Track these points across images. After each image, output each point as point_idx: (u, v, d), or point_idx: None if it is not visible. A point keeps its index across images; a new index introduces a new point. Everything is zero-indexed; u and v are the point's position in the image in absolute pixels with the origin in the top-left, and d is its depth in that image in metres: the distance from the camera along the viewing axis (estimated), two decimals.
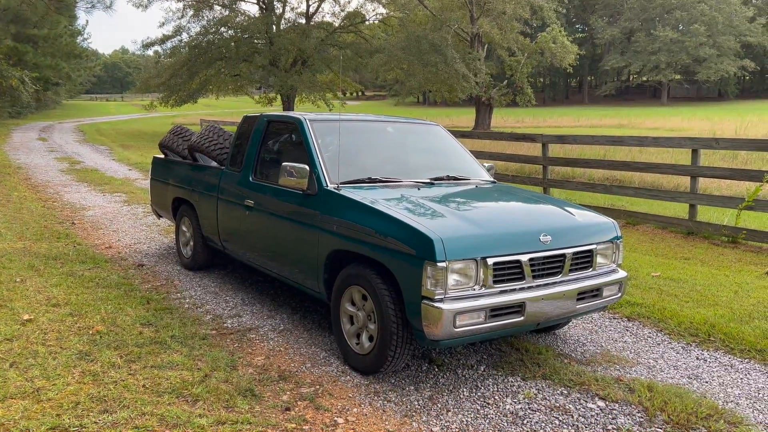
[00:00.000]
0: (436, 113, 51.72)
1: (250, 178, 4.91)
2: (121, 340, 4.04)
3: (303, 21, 34.70)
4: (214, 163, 5.98)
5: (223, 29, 32.83)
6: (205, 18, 32.62)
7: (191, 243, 6.07)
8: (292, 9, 38.06)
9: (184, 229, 6.22)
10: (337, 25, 34.73)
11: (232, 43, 31.67)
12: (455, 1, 32.86)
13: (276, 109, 45.75)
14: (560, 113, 51.07)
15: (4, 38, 18.08)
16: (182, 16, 32.81)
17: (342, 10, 36.30)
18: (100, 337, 4.08)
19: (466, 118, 44.70)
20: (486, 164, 5.12)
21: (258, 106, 44.25)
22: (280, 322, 4.62)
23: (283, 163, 4.16)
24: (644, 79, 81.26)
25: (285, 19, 34.39)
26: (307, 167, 4.12)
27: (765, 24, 74.79)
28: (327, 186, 4.07)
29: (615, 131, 32.09)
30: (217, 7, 33.28)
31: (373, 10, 35.65)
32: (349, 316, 3.84)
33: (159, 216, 7.11)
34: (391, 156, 4.71)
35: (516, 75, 33.53)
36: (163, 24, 46.36)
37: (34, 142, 23.74)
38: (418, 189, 4.16)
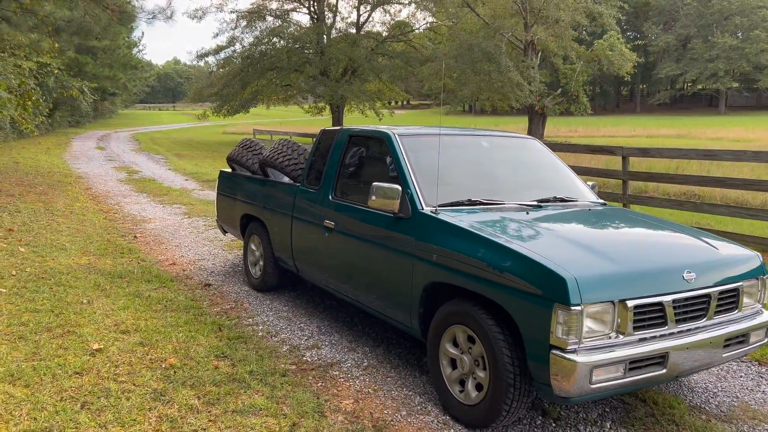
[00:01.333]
0: (485, 122, 51.00)
1: (330, 197, 4.53)
2: (196, 376, 3.69)
3: (353, 31, 34.69)
4: (286, 179, 5.66)
5: (275, 39, 33.06)
6: (258, 29, 32.92)
7: (261, 263, 5.74)
8: (343, 19, 37.97)
9: (253, 247, 5.89)
10: (386, 34, 34.53)
11: (285, 53, 31.77)
12: (508, 9, 32.21)
13: (325, 119, 45.86)
14: (613, 122, 49.66)
15: (67, 49, 18.45)
16: (236, 27, 33.21)
17: (392, 19, 36.19)
18: (174, 372, 3.73)
19: (515, 127, 43.82)
20: (589, 183, 4.60)
21: (307, 116, 44.50)
22: (363, 357, 4.20)
23: (373, 183, 3.75)
24: (700, 87, 78.43)
25: (336, 29, 34.45)
26: (398, 187, 3.70)
27: None
28: (422, 209, 3.64)
29: (674, 141, 30.83)
30: (269, 18, 33.59)
31: (424, 19, 35.36)
32: (451, 359, 3.38)
33: (225, 232, 6.83)
34: (488, 174, 4.25)
35: (571, 83, 32.59)
36: (217, 35, 47.00)
37: (93, 150, 24.22)
38: (527, 213, 3.68)
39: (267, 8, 33.71)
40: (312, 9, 34.40)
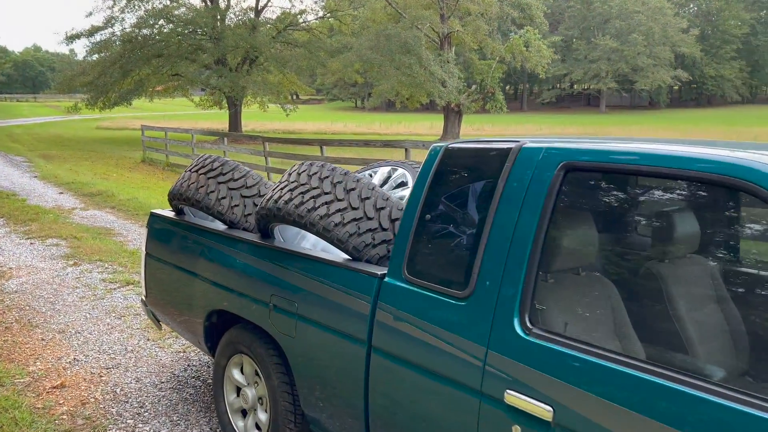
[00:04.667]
0: (389, 120, 49.06)
1: (519, 329, 1.74)
2: None
3: (252, 16, 31.04)
4: (317, 248, 2.81)
5: (162, 22, 28.70)
6: (142, 9, 28.39)
7: (260, 416, 2.80)
8: (237, 3, 34.06)
9: (238, 379, 2.93)
10: (287, 23, 31.16)
11: (176, 38, 27.62)
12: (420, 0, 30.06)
13: (216, 114, 41.47)
14: (518, 121, 49.41)
15: None
16: (113, 5, 28.42)
17: (292, 6, 32.97)
18: None
19: (422, 125, 42.30)
20: None
21: (198, 109, 39.99)
22: None
23: None
24: (584, 87, 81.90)
25: (233, 13, 30.61)
26: None
27: (697, 35, 76.96)
28: None
29: None
30: None
31: (327, 8, 32.39)
32: None
33: (159, 322, 3.75)
34: None
35: (487, 79, 31.18)
36: (91, 13, 41.15)
37: None
38: None
39: None
40: None
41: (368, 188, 2.49)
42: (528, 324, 1.74)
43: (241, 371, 2.93)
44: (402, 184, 3.88)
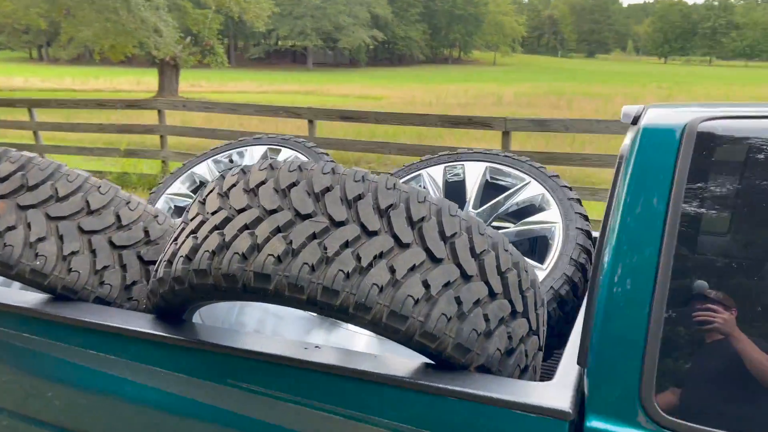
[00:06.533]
0: (83, 74, 42.51)
1: None
2: None
3: None
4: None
5: None
6: None
7: None
8: None
9: None
10: None
11: None
12: None
13: None
14: (234, 77, 47.05)
15: None
16: None
17: None
18: None
19: (126, 80, 37.76)
20: None
21: None
22: None
23: None
24: (292, 43, 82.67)
25: None
26: None
27: None
28: None
29: (317, 99, 29.88)
30: None
31: None
32: None
33: None
34: None
35: (204, 31, 28.63)
36: None
37: None
38: None
39: None
40: None
41: (450, 213, 1.22)
42: None
43: None
44: None
